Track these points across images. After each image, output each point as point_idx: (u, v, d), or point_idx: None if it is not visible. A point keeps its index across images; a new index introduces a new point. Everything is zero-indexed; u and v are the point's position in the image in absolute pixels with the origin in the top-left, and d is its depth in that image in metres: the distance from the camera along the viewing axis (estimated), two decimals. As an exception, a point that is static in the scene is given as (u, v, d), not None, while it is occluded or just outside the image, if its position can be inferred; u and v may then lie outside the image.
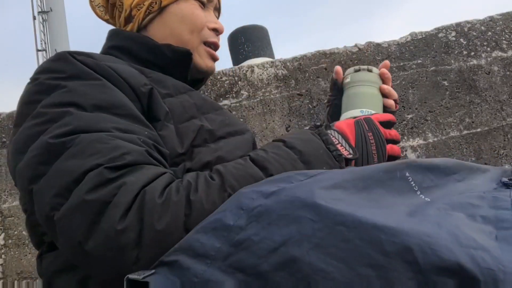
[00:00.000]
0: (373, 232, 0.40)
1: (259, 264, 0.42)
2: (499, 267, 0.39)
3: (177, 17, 0.95)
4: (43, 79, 0.72)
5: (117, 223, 0.55)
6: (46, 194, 0.61)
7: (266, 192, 0.47)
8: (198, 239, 0.47)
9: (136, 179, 0.59)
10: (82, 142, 0.62)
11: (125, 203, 0.56)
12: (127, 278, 0.45)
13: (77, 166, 0.60)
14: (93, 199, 0.56)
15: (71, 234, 0.57)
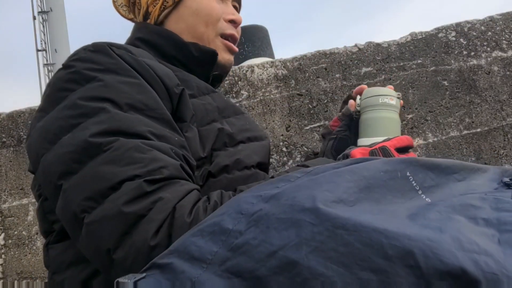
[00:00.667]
0: (374, 235, 0.40)
1: (257, 269, 0.41)
2: (503, 272, 0.38)
3: (192, 10, 0.94)
4: (80, 68, 0.71)
5: (150, 239, 0.56)
6: (77, 194, 0.61)
7: (266, 196, 0.47)
8: (195, 242, 0.46)
9: (171, 196, 0.59)
10: (120, 148, 0.62)
11: (159, 220, 0.57)
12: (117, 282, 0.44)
13: (114, 173, 0.60)
14: (130, 211, 0.57)
15: (101, 240, 0.58)
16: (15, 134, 1.83)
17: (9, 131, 1.83)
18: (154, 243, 0.56)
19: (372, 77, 1.81)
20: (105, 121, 0.64)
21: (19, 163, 1.81)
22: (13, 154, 1.82)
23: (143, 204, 0.58)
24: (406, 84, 1.81)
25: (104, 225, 0.58)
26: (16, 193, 1.80)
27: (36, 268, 1.73)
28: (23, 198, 1.79)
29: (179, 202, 0.60)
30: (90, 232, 0.59)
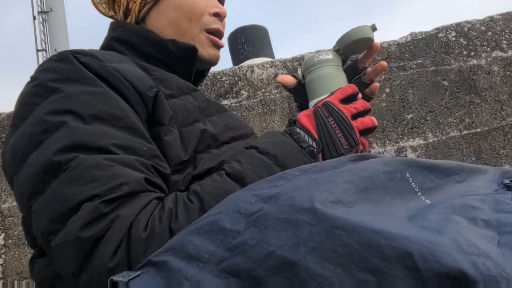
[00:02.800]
0: (373, 236, 0.39)
1: (254, 269, 0.41)
2: (502, 275, 0.38)
3: (174, 5, 0.91)
4: (42, 80, 0.70)
5: (108, 261, 0.55)
6: (43, 217, 0.60)
7: (265, 196, 0.47)
8: (192, 241, 0.46)
9: (129, 212, 0.58)
10: (79, 166, 0.60)
11: (116, 241, 0.56)
12: (111, 280, 0.44)
13: (73, 194, 0.59)
14: (87, 236, 0.56)
15: (65, 264, 0.58)
16: (15, 134, 1.83)
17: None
18: (112, 265, 0.55)
19: (372, 77, 1.81)
20: (65, 136, 0.63)
21: (19, 163, 1.81)
22: (13, 154, 1.81)
23: (100, 225, 0.56)
24: (406, 84, 1.80)
25: (66, 250, 0.57)
26: (16, 193, 1.80)
27: (36, 268, 1.73)
28: (23, 198, 1.79)
29: (136, 217, 0.58)
30: (56, 255, 0.59)
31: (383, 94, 1.79)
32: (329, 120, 0.78)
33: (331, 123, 0.78)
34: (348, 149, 0.78)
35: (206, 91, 1.82)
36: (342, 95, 0.83)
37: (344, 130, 0.78)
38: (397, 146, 1.76)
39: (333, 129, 0.78)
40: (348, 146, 0.78)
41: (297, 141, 0.75)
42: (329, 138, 0.77)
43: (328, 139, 0.77)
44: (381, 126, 1.77)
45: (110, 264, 0.55)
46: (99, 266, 0.55)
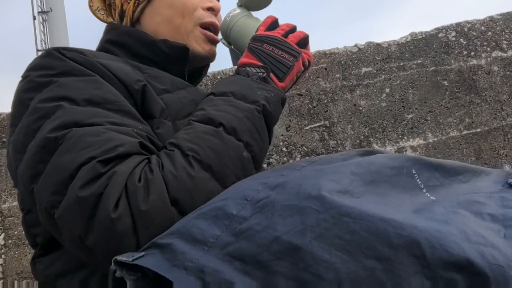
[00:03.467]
0: (380, 224, 0.40)
1: (259, 253, 0.41)
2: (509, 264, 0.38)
3: (167, 1, 0.92)
4: (34, 76, 0.71)
5: (111, 212, 0.55)
6: (44, 192, 0.60)
7: (272, 184, 0.47)
8: (198, 225, 0.46)
9: (125, 168, 0.59)
10: (74, 136, 0.61)
11: (116, 192, 0.56)
12: (115, 260, 0.44)
13: (70, 161, 0.59)
14: (87, 194, 0.56)
15: (71, 231, 0.57)
16: (15, 134, 1.83)
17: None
18: (116, 215, 0.55)
19: (372, 77, 1.82)
20: (60, 116, 0.64)
21: (19, 162, 1.81)
22: (13, 154, 1.81)
23: (99, 183, 0.57)
24: (406, 84, 1.81)
25: (69, 215, 0.57)
26: (16, 193, 1.79)
27: (36, 267, 1.73)
28: (22, 197, 1.79)
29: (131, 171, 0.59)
30: (61, 226, 0.59)
31: (383, 94, 1.79)
32: (264, 47, 0.81)
33: (267, 47, 0.81)
34: (294, 60, 0.81)
35: (205, 91, 1.82)
36: (264, 27, 0.86)
37: (281, 46, 0.81)
38: (397, 146, 1.76)
39: (271, 51, 0.80)
40: (292, 57, 0.81)
41: (245, 75, 0.78)
42: (272, 59, 0.80)
43: (272, 60, 0.80)
44: (381, 126, 1.77)
45: (113, 215, 0.55)
46: (103, 219, 0.55)
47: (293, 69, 0.81)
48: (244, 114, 0.70)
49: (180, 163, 0.61)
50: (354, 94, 1.80)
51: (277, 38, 0.82)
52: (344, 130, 1.77)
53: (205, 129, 0.67)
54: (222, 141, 0.65)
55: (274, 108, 0.76)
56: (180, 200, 0.58)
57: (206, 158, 0.63)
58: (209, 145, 0.64)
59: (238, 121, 0.69)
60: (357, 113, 1.79)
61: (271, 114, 0.74)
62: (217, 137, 0.66)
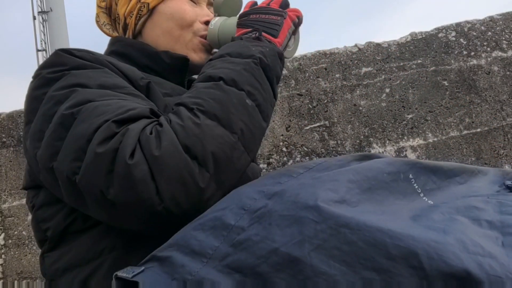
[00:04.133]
0: (378, 235, 0.39)
1: (258, 265, 0.41)
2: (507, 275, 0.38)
3: (166, 15, 0.97)
4: (46, 73, 0.74)
5: (127, 160, 0.58)
6: (65, 162, 0.63)
7: (269, 193, 0.47)
8: (196, 236, 0.46)
9: (138, 125, 0.63)
10: (89, 108, 0.65)
11: (131, 144, 0.60)
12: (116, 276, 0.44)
13: (86, 128, 0.63)
14: (104, 150, 0.59)
15: (92, 188, 0.60)
16: (15, 134, 1.83)
17: (9, 131, 1.83)
18: (132, 162, 0.58)
19: (372, 77, 1.81)
20: (75, 96, 0.68)
21: (19, 163, 1.80)
22: (13, 154, 1.81)
23: (114, 140, 0.60)
24: (406, 84, 1.81)
25: (89, 172, 0.60)
26: (16, 193, 1.80)
27: (36, 268, 1.73)
28: (23, 198, 1.79)
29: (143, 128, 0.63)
30: (83, 187, 0.61)
31: (383, 94, 1.79)
32: (250, 17, 0.86)
33: (253, 16, 0.86)
34: (281, 19, 0.85)
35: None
36: (247, 8, 0.90)
37: (266, 11, 0.86)
38: (397, 146, 1.76)
39: (257, 17, 0.85)
40: (279, 17, 0.85)
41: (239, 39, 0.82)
42: (261, 22, 0.84)
43: (261, 23, 0.84)
44: (381, 126, 1.77)
45: (130, 162, 0.58)
46: (121, 169, 0.58)
47: (284, 26, 0.84)
48: (242, 67, 0.73)
49: (186, 115, 0.65)
50: (354, 94, 1.80)
51: (259, 7, 0.87)
52: (344, 130, 1.77)
53: (206, 85, 0.71)
54: (224, 92, 0.69)
55: (271, 61, 0.78)
56: (190, 146, 0.61)
57: (210, 108, 0.66)
58: (212, 97, 0.68)
59: (236, 73, 0.72)
60: (357, 113, 1.79)
61: (269, 66, 0.77)
62: (218, 89, 0.69)
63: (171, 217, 0.58)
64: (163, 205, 0.58)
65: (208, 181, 0.60)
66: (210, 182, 0.61)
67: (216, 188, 0.61)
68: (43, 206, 0.76)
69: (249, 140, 0.68)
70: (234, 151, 0.65)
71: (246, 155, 0.67)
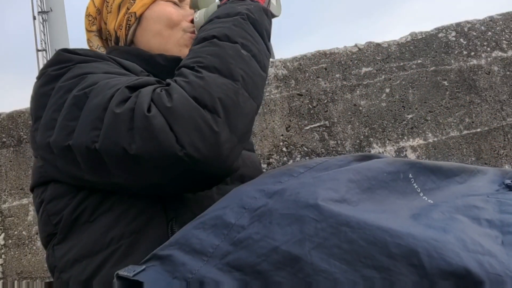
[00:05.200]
0: (378, 233, 0.39)
1: (258, 263, 0.41)
2: (506, 273, 0.38)
3: (153, 18, 1.02)
4: (51, 71, 0.78)
5: (146, 112, 0.62)
6: (83, 134, 0.66)
7: (269, 192, 0.47)
8: (196, 235, 0.46)
9: (148, 88, 0.67)
10: (100, 85, 0.69)
11: (146, 101, 0.64)
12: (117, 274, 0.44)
13: (101, 99, 0.67)
14: (121, 110, 0.63)
15: (114, 148, 0.63)
16: (15, 134, 1.83)
17: (9, 131, 1.83)
18: (150, 114, 0.62)
19: (372, 77, 1.82)
20: (85, 81, 0.72)
21: (19, 163, 1.80)
22: (13, 154, 1.81)
23: (130, 101, 0.64)
24: (406, 84, 1.81)
25: (110, 134, 0.64)
26: (16, 193, 1.80)
27: (36, 268, 1.73)
28: (23, 198, 1.79)
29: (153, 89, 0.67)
30: (105, 151, 0.64)
31: (383, 94, 1.79)
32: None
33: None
34: None
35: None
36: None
37: None
38: (397, 146, 1.76)
39: None
40: None
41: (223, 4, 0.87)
42: None
43: None
44: (381, 126, 1.77)
45: (148, 113, 0.62)
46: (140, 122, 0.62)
47: None
48: (231, 23, 0.78)
49: (188, 72, 0.70)
50: (354, 94, 1.80)
51: None
52: (344, 130, 1.78)
53: (201, 45, 0.76)
54: (219, 46, 0.74)
55: (258, 16, 0.83)
56: (198, 97, 0.65)
57: (209, 62, 0.71)
58: (209, 53, 0.73)
59: (227, 29, 0.77)
60: (357, 113, 1.79)
61: (257, 21, 0.82)
62: (213, 45, 0.74)
63: (193, 164, 0.61)
64: (184, 151, 0.61)
65: (221, 125, 0.64)
66: (223, 126, 0.64)
67: (229, 132, 0.65)
68: (53, 200, 0.78)
69: (251, 86, 0.72)
70: (239, 96, 0.69)
71: (252, 101, 0.71)
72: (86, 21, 1.12)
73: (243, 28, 0.78)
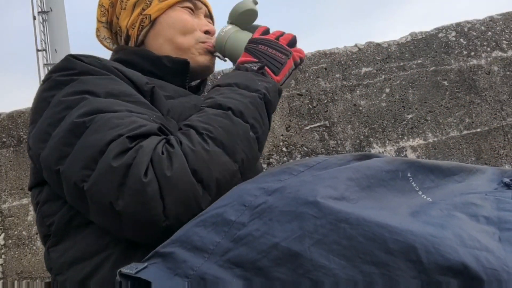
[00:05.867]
0: (377, 229, 0.40)
1: (258, 259, 0.42)
2: (503, 268, 0.39)
3: (168, 24, 1.03)
4: (56, 76, 0.78)
5: (142, 177, 0.62)
6: (74, 169, 0.67)
7: (269, 189, 0.48)
8: (197, 233, 0.47)
9: (149, 143, 0.66)
10: (102, 119, 0.69)
11: (145, 161, 0.64)
12: (120, 272, 0.45)
13: (99, 139, 0.66)
14: (118, 164, 0.63)
15: (102, 198, 0.64)
16: (15, 134, 1.83)
17: (9, 131, 1.83)
18: (146, 180, 0.62)
19: (372, 77, 1.82)
20: (86, 105, 0.71)
21: (19, 163, 1.81)
22: (13, 154, 1.82)
23: (128, 155, 0.64)
24: (406, 84, 1.81)
25: (101, 183, 0.64)
26: (16, 193, 1.80)
27: (36, 268, 1.73)
28: (23, 198, 1.79)
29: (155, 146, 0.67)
30: (91, 196, 0.65)
31: (383, 94, 1.79)
32: (259, 47, 0.92)
33: (262, 48, 0.92)
34: (285, 58, 0.92)
35: (206, 91, 1.83)
36: (259, 33, 0.97)
37: (275, 47, 0.92)
38: (397, 146, 1.76)
39: (265, 50, 0.91)
40: (284, 56, 0.92)
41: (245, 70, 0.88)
42: (267, 57, 0.90)
43: (267, 57, 0.90)
44: (381, 126, 1.77)
45: (144, 179, 0.62)
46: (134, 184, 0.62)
47: (286, 66, 0.92)
48: (249, 100, 0.79)
49: (196, 139, 0.69)
50: (354, 94, 1.81)
51: (270, 40, 0.93)
52: (344, 130, 1.78)
53: (216, 112, 0.76)
54: (232, 122, 0.74)
55: (273, 97, 0.85)
56: (198, 171, 0.66)
57: (219, 136, 0.71)
58: (221, 125, 0.73)
59: (244, 106, 0.77)
60: (357, 113, 1.79)
61: (271, 102, 0.84)
62: (227, 118, 0.74)
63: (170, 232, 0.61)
64: (167, 222, 0.63)
65: (208, 203, 0.63)
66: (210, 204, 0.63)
67: None
68: (48, 202, 0.79)
69: (247, 169, 0.74)
70: (234, 178, 0.71)
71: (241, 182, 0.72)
72: (98, 11, 1.11)
73: (257, 108, 0.80)
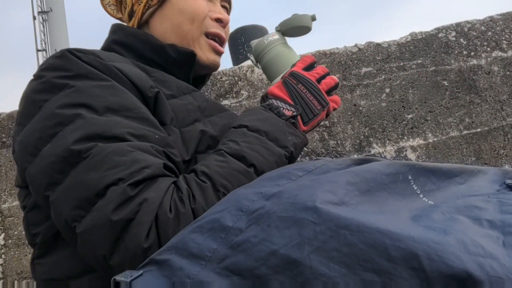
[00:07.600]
0: (378, 236, 0.39)
1: (257, 267, 0.41)
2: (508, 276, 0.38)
3: (178, 8, 0.93)
4: (50, 77, 0.71)
5: (143, 242, 0.57)
6: (65, 204, 0.61)
7: (267, 194, 0.47)
8: (194, 239, 0.46)
9: (155, 195, 0.60)
10: (100, 153, 0.62)
11: (148, 222, 0.58)
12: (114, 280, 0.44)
13: (97, 179, 0.60)
14: (118, 219, 0.57)
15: (96, 248, 0.59)
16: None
17: (9, 131, 1.83)
18: (147, 245, 0.57)
19: (372, 77, 1.81)
20: (82, 127, 0.64)
21: (19, 163, 1.80)
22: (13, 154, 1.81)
23: (130, 208, 0.58)
24: (406, 84, 1.80)
25: (96, 233, 0.58)
26: (16, 193, 1.79)
27: (36, 268, 1.73)
28: (22, 198, 1.78)
29: (162, 201, 0.60)
30: (83, 241, 0.60)
31: (383, 94, 1.79)
32: (299, 87, 0.85)
33: (301, 89, 0.85)
34: (321, 109, 0.86)
35: (206, 91, 1.82)
36: (303, 64, 0.90)
37: (314, 93, 0.85)
38: (397, 146, 1.76)
39: (304, 93, 0.84)
40: (320, 106, 0.85)
41: (278, 115, 0.81)
42: (303, 102, 0.84)
43: (302, 103, 0.84)
44: (381, 126, 1.77)
45: (145, 245, 0.57)
46: (133, 247, 0.57)
47: (318, 117, 0.86)
48: (274, 159, 0.73)
49: (211, 199, 0.63)
50: (354, 94, 1.80)
51: (311, 83, 0.86)
52: (344, 130, 1.77)
53: (238, 166, 0.69)
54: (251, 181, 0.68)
55: (297, 153, 0.80)
56: None
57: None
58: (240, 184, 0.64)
59: (269, 166, 0.71)
60: (357, 113, 1.79)
61: (295, 159, 0.79)
62: (248, 177, 0.68)
63: None
64: None
65: None
66: None
67: None
68: (34, 209, 0.74)
69: None
70: None
71: None
72: None
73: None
